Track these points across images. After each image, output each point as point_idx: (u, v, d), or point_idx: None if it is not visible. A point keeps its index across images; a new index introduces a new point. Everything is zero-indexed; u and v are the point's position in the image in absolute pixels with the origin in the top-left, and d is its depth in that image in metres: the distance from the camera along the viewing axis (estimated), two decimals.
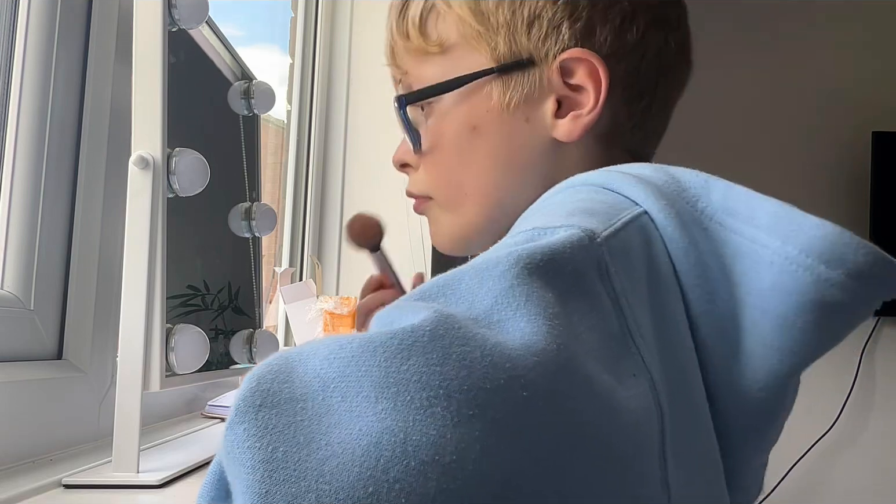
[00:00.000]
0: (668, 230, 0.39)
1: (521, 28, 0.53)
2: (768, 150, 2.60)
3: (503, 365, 0.28)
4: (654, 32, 0.54)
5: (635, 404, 0.33)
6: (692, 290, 0.39)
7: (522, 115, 0.54)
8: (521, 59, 0.54)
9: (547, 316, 0.31)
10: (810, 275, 0.36)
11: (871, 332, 2.58)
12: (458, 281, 0.33)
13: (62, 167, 0.78)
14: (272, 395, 0.28)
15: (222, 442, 0.29)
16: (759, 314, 0.38)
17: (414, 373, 0.28)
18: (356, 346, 0.29)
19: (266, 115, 1.07)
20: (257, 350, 0.93)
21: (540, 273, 0.33)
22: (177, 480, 0.67)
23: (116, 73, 0.83)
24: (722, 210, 0.39)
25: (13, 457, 0.67)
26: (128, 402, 0.64)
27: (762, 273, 0.37)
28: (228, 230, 0.95)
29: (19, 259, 0.74)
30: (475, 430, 0.27)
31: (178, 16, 0.74)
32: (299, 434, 0.27)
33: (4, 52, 0.76)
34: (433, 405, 0.27)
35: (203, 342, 0.71)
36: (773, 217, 0.38)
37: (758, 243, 0.38)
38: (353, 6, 1.76)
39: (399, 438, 0.26)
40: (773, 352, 0.38)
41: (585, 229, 0.36)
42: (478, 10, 0.54)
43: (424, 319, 0.29)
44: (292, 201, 1.67)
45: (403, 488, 0.26)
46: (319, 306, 1.38)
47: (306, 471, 0.26)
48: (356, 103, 1.74)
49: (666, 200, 0.40)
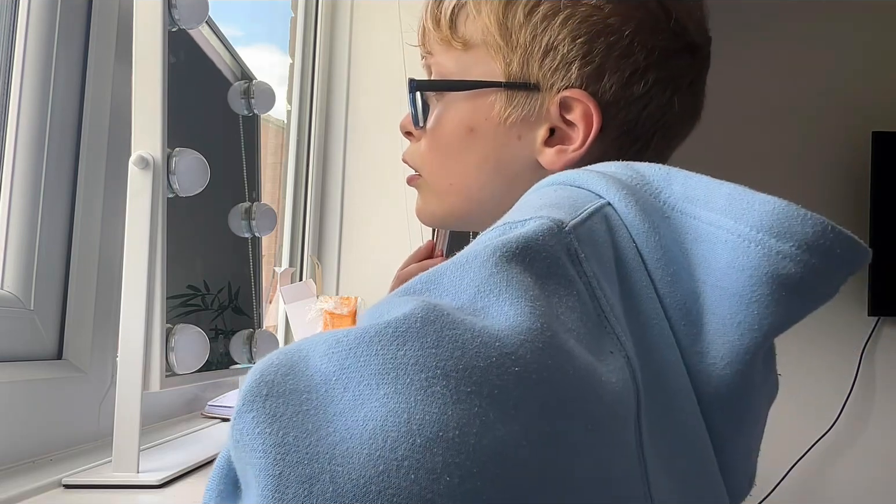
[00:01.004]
0: (630, 217, 0.41)
1: (537, 54, 0.56)
2: (768, 150, 2.60)
3: (493, 344, 0.30)
4: (661, 90, 0.56)
5: (614, 378, 0.35)
6: (656, 273, 0.40)
7: (516, 133, 0.57)
8: (528, 83, 0.56)
9: (528, 298, 0.33)
10: (761, 249, 0.38)
11: (871, 332, 2.58)
12: (441, 276, 0.35)
13: (62, 167, 0.78)
14: (276, 385, 0.30)
15: (230, 433, 0.30)
16: (718, 293, 0.39)
17: (411, 357, 0.29)
18: (353, 339, 0.30)
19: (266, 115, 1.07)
20: (257, 350, 0.93)
21: (517, 259, 0.35)
22: (177, 480, 0.67)
23: (116, 73, 0.83)
24: (683, 198, 0.41)
25: (13, 457, 0.67)
26: (128, 402, 0.64)
27: (719, 253, 0.39)
28: (228, 230, 0.95)
29: (19, 259, 0.74)
30: (474, 406, 0.29)
31: (178, 16, 0.74)
32: (307, 422, 0.28)
33: (4, 52, 0.76)
34: (432, 385, 0.29)
35: (203, 342, 0.71)
36: (726, 198, 0.40)
37: (714, 225, 0.40)
38: (353, 6, 1.76)
39: (403, 419, 0.28)
40: (733, 328, 0.39)
41: (553, 219, 0.38)
42: (503, 25, 0.57)
43: (414, 308, 0.31)
44: (292, 201, 1.67)
45: (412, 465, 0.27)
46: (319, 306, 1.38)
47: (318, 454, 0.27)
48: (356, 103, 1.74)
49: (627, 191, 0.42)
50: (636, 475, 0.36)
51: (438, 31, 0.61)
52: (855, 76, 2.62)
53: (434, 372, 0.29)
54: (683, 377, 0.40)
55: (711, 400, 0.41)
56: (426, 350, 0.29)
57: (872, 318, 2.56)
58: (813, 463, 2.53)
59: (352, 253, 1.70)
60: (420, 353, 0.29)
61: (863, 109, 2.58)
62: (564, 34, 0.55)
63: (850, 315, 2.51)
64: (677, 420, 0.40)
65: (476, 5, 0.58)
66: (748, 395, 0.42)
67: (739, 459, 0.46)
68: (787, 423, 2.59)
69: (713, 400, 0.41)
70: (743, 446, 0.46)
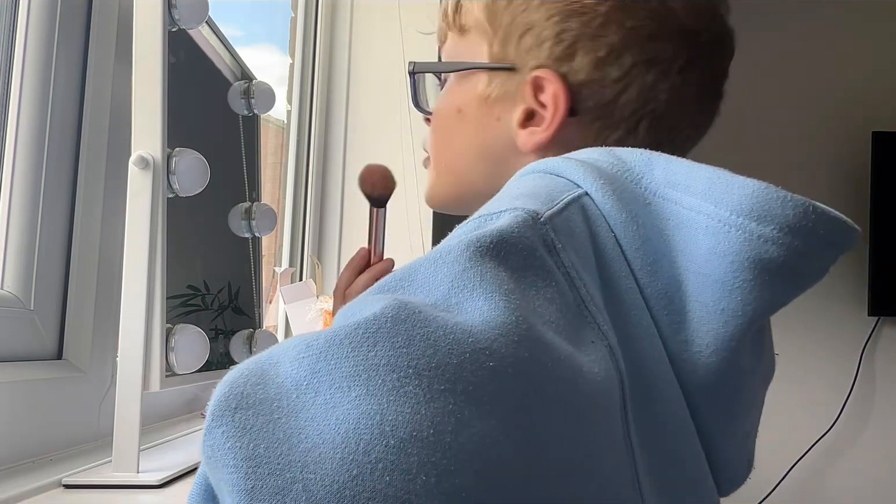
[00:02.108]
0: (607, 207, 0.40)
1: (514, 35, 0.56)
2: (768, 150, 2.59)
3: (466, 340, 0.30)
4: (641, 73, 0.53)
5: (597, 368, 0.34)
6: (635, 262, 0.40)
7: (496, 113, 0.57)
8: (506, 63, 0.57)
9: (503, 292, 0.32)
10: (742, 234, 0.37)
11: (871, 332, 2.57)
12: (415, 272, 0.35)
13: (62, 167, 0.78)
14: (246, 397, 0.29)
15: (202, 450, 0.29)
16: (700, 280, 0.39)
17: (382, 357, 0.29)
18: (322, 343, 0.30)
19: (266, 115, 1.07)
20: (257, 350, 0.92)
21: (492, 254, 0.34)
22: (177, 480, 0.67)
23: (116, 73, 0.83)
24: (664, 184, 0.41)
25: (13, 457, 0.67)
26: (128, 402, 0.64)
27: (699, 239, 0.38)
28: (228, 230, 0.95)
29: (19, 259, 0.74)
30: (448, 404, 0.28)
31: (178, 16, 0.74)
32: (278, 431, 0.28)
33: (4, 52, 0.76)
34: (404, 385, 0.28)
35: (203, 342, 0.71)
36: (706, 182, 0.39)
37: (694, 210, 0.39)
38: (353, 6, 1.76)
39: (376, 421, 0.27)
40: (716, 315, 0.39)
41: (528, 210, 0.37)
42: (490, 9, 0.58)
43: (385, 307, 0.30)
44: (292, 201, 1.67)
45: (386, 466, 0.26)
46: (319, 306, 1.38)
47: (290, 463, 0.27)
48: (356, 103, 1.74)
49: (604, 180, 0.41)
50: (624, 465, 0.36)
51: (446, 21, 0.63)
52: (855, 76, 2.62)
53: (406, 371, 0.28)
54: (666, 366, 0.39)
55: (698, 389, 0.40)
56: (397, 350, 0.29)
57: (872, 318, 2.56)
58: (813, 463, 2.53)
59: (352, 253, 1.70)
60: (391, 353, 0.29)
61: (863, 109, 2.58)
62: (541, 14, 0.55)
63: (850, 315, 2.51)
64: (660, 410, 0.39)
65: None
66: (737, 382, 0.42)
67: (735, 445, 0.45)
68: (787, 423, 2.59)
69: (700, 388, 0.40)
70: (738, 432, 0.45)
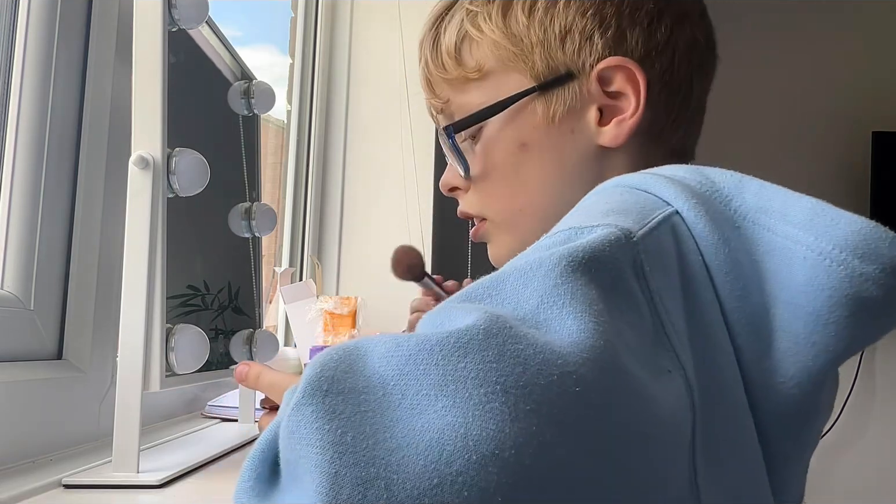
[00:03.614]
0: (699, 228, 0.39)
1: (555, 44, 0.55)
2: (768, 150, 2.60)
3: (555, 361, 0.29)
4: (681, 28, 0.56)
5: (670, 400, 0.34)
6: (723, 287, 0.39)
7: (568, 127, 0.56)
8: (559, 73, 0.55)
9: (592, 313, 0.32)
10: (844, 269, 0.36)
11: None
12: (503, 283, 0.34)
13: (62, 167, 0.78)
14: (336, 382, 0.29)
15: (285, 422, 0.30)
16: (792, 310, 0.38)
17: (471, 370, 0.29)
18: (413, 346, 0.30)
19: (266, 115, 1.07)
20: (257, 350, 0.92)
21: (583, 270, 0.34)
22: (177, 480, 0.67)
23: (116, 73, 0.83)
24: (755, 209, 0.40)
25: (13, 457, 0.67)
26: (128, 402, 0.64)
27: (795, 269, 0.37)
28: (228, 230, 0.95)
29: (19, 259, 0.74)
30: (532, 426, 0.28)
31: (178, 16, 0.74)
32: (365, 424, 0.28)
33: (4, 52, 0.76)
34: (491, 401, 0.28)
35: (203, 342, 0.71)
36: (807, 213, 0.38)
37: (791, 240, 0.38)
38: (353, 6, 1.76)
39: (460, 433, 0.27)
40: (806, 348, 0.38)
41: (622, 228, 0.37)
42: (510, 33, 0.56)
43: (477, 319, 0.30)
44: (292, 201, 1.67)
45: (466, 481, 0.27)
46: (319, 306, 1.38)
47: (374, 458, 0.27)
48: (356, 103, 1.74)
49: (696, 199, 0.40)
50: (688, 498, 0.35)
51: (446, 73, 0.59)
52: (855, 76, 2.62)
53: (494, 387, 0.28)
54: (741, 394, 0.39)
55: (775, 418, 0.40)
56: (487, 364, 0.29)
57: None
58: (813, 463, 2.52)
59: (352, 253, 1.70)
60: (481, 367, 0.29)
61: (863, 109, 2.58)
62: (572, 14, 0.55)
63: None
64: (733, 440, 0.38)
65: (475, 29, 0.58)
66: (812, 417, 0.41)
67: (795, 479, 0.45)
68: None
69: (777, 418, 0.40)
70: (800, 466, 0.45)
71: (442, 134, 0.59)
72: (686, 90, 0.57)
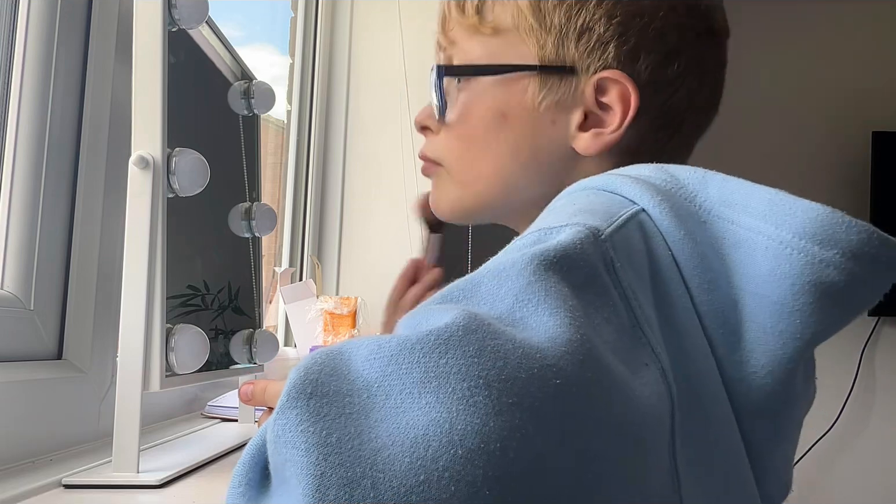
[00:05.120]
0: (665, 224, 0.40)
1: (572, 35, 0.55)
2: (768, 150, 2.60)
3: (534, 355, 0.30)
4: (692, 72, 0.56)
5: (648, 391, 0.34)
6: (692, 281, 0.39)
7: (550, 117, 0.56)
8: (563, 65, 0.55)
9: (567, 309, 0.32)
10: (804, 257, 0.37)
11: (871, 332, 2.57)
12: (478, 284, 0.35)
13: (62, 167, 0.78)
14: (321, 385, 0.30)
15: (271, 427, 0.30)
16: (759, 301, 0.38)
17: (453, 366, 0.29)
18: (394, 346, 0.30)
19: (266, 115, 1.07)
20: (257, 350, 0.92)
21: (555, 269, 0.34)
22: (177, 480, 0.67)
23: (116, 73, 0.83)
24: (719, 202, 0.40)
25: (13, 457, 0.67)
26: (128, 402, 0.64)
27: (758, 260, 0.38)
28: (228, 230, 0.95)
29: (19, 259, 0.74)
30: (515, 418, 0.28)
31: (178, 16, 0.74)
32: (350, 425, 0.28)
33: (4, 52, 0.76)
34: (475, 395, 0.28)
35: (203, 342, 0.71)
36: (767, 203, 0.39)
37: (753, 231, 0.39)
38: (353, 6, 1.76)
39: (445, 429, 0.27)
40: (774, 337, 0.38)
41: (590, 227, 0.37)
42: (537, 7, 0.56)
43: (456, 317, 0.31)
44: (292, 201, 1.67)
45: (452, 476, 0.27)
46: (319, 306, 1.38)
47: (360, 458, 0.27)
48: (356, 103, 1.74)
49: (661, 196, 0.41)
50: (669, 489, 0.36)
51: (463, 17, 0.59)
52: (855, 76, 2.62)
53: (476, 381, 0.28)
54: (719, 386, 0.39)
55: (751, 409, 0.40)
56: (468, 359, 0.29)
57: (872, 318, 2.56)
58: (813, 463, 2.53)
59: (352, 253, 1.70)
60: (462, 363, 0.29)
61: (863, 109, 2.58)
62: (600, 14, 0.54)
63: None
64: (712, 430, 0.39)
65: None
66: (788, 405, 0.42)
67: (778, 468, 0.45)
68: None
69: (753, 409, 0.40)
70: (781, 455, 0.45)
71: (433, 71, 0.59)
72: (675, 129, 0.57)
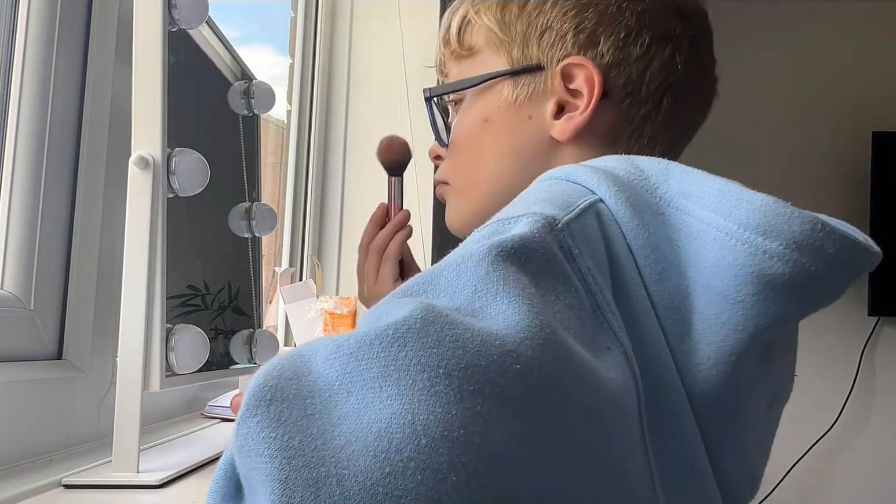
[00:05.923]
0: (620, 213, 0.41)
1: (534, 37, 0.60)
2: (768, 150, 2.60)
3: (493, 342, 0.30)
4: (660, 48, 0.59)
5: (613, 374, 0.34)
6: (645, 269, 0.40)
7: (526, 113, 0.60)
8: (531, 64, 0.60)
9: (526, 296, 0.33)
10: (748, 248, 0.37)
11: (871, 332, 2.58)
12: (437, 276, 0.35)
13: (62, 167, 0.78)
14: (280, 390, 0.30)
15: (234, 437, 0.30)
16: (706, 292, 0.39)
17: (412, 357, 0.29)
18: (353, 343, 0.30)
19: (266, 115, 1.07)
20: (257, 350, 0.93)
21: (513, 259, 0.35)
22: (177, 480, 0.67)
23: (116, 73, 0.83)
24: (679, 194, 0.41)
25: (13, 457, 0.67)
26: (128, 402, 0.64)
27: (707, 251, 0.39)
28: (228, 230, 0.95)
29: (19, 259, 0.74)
30: (477, 405, 0.28)
31: (178, 16, 0.74)
32: (312, 426, 0.28)
33: (4, 52, 0.76)
34: (435, 384, 0.28)
35: (203, 342, 0.71)
36: (717, 194, 0.39)
37: (704, 222, 0.39)
38: (353, 6, 1.76)
39: (407, 420, 0.28)
40: (717, 328, 0.39)
41: (546, 216, 0.38)
42: (503, 22, 0.62)
43: (413, 310, 0.31)
44: (292, 201, 1.67)
45: (418, 465, 0.27)
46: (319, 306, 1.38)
47: (323, 458, 0.27)
48: (356, 103, 1.74)
49: (619, 187, 0.42)
50: (643, 470, 0.36)
51: (449, 48, 0.66)
52: (855, 76, 2.62)
53: (436, 371, 0.29)
54: (674, 375, 0.40)
55: (699, 400, 0.41)
56: (427, 350, 0.29)
57: (872, 318, 2.56)
58: (813, 463, 2.53)
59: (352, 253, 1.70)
60: (421, 354, 0.29)
61: (863, 109, 2.58)
62: (556, 13, 0.59)
63: (850, 315, 2.51)
64: (670, 417, 0.39)
65: (477, 14, 0.63)
66: (737, 397, 0.42)
67: (735, 462, 0.45)
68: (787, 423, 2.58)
69: (700, 400, 0.41)
70: (738, 449, 0.45)
71: (426, 102, 0.66)
72: (653, 106, 0.59)
